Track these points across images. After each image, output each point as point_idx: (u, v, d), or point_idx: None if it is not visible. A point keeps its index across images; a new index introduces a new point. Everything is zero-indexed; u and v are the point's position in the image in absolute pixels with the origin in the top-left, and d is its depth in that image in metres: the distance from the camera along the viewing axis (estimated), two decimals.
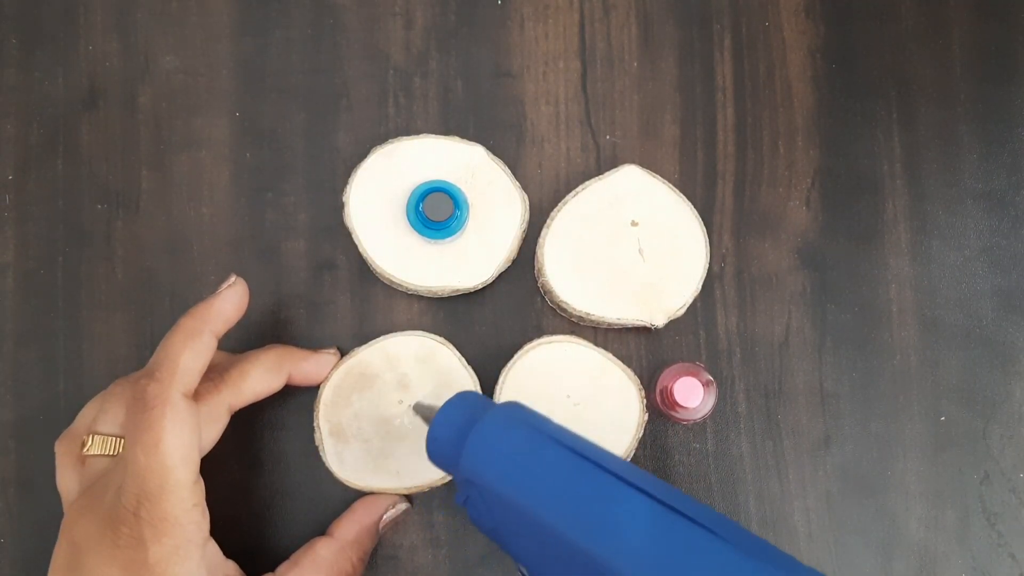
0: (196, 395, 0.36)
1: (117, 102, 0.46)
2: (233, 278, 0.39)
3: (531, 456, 0.32)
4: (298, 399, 0.45)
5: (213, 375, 0.38)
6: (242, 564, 0.38)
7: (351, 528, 0.41)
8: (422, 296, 0.45)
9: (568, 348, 0.44)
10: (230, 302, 0.38)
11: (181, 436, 0.34)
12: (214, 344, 0.37)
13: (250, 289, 0.45)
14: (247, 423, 0.44)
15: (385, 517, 0.43)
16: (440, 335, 0.44)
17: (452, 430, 0.34)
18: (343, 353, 0.44)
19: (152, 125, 0.46)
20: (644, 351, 0.46)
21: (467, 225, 0.44)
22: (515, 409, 0.35)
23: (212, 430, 0.37)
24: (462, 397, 0.36)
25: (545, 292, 0.45)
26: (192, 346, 0.36)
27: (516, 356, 0.43)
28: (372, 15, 0.47)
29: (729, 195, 0.47)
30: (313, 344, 0.45)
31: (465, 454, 0.33)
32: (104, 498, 0.34)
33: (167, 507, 0.33)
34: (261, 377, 0.40)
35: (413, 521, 0.45)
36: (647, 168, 0.45)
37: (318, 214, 0.46)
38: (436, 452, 0.35)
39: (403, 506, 0.43)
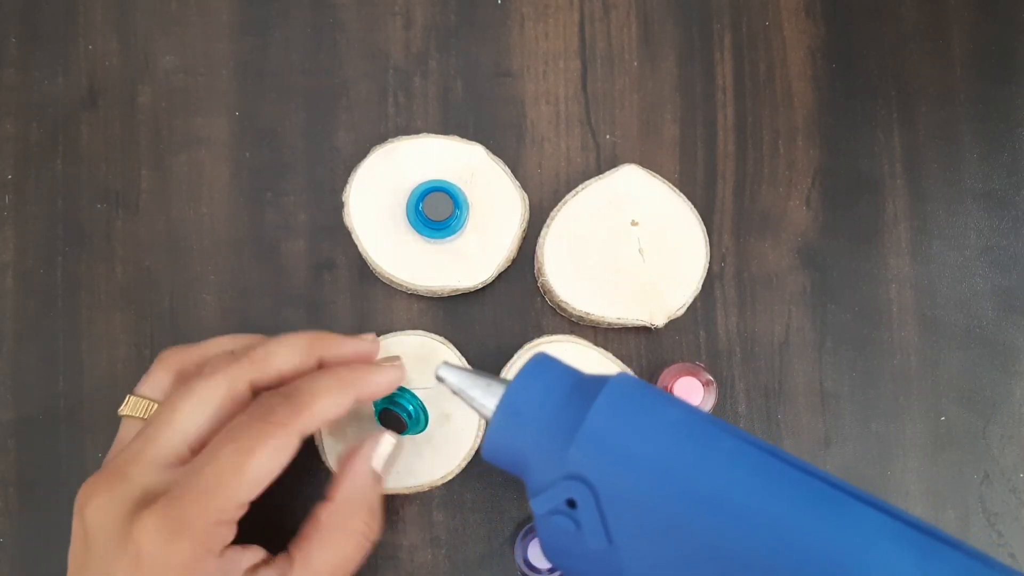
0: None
1: (117, 102, 0.46)
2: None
3: (702, 447, 0.24)
4: None
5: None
6: None
7: (348, 484, 0.38)
8: (422, 296, 0.45)
9: (568, 348, 0.43)
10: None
11: (272, 464, 0.34)
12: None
13: (250, 289, 0.45)
14: None
15: (375, 460, 0.39)
16: (440, 335, 0.44)
17: (543, 401, 0.27)
18: None
19: (152, 125, 0.46)
20: (644, 351, 0.46)
21: (467, 225, 0.44)
22: (642, 385, 0.27)
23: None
24: (541, 364, 0.28)
25: (545, 292, 0.45)
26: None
27: (516, 356, 0.43)
28: (372, 15, 0.47)
29: (729, 195, 0.47)
30: None
31: (586, 436, 0.25)
32: (135, 476, 0.34)
33: (208, 510, 0.33)
34: (331, 404, 0.37)
35: (413, 521, 0.45)
36: (647, 168, 0.45)
37: (318, 214, 0.46)
38: (509, 436, 0.27)
39: (388, 439, 0.39)
